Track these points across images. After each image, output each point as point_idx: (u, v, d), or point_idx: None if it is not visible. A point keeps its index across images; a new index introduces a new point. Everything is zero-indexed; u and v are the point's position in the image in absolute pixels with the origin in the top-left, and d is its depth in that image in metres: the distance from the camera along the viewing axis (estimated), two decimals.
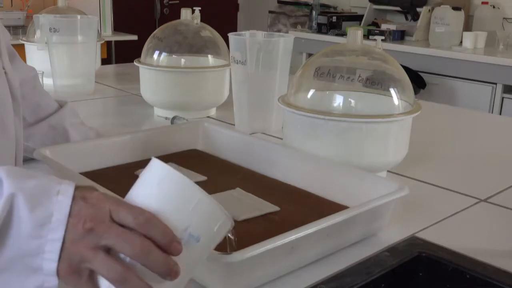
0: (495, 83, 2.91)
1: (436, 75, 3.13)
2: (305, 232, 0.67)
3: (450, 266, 0.74)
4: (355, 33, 1.00)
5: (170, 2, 4.53)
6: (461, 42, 3.25)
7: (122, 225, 0.48)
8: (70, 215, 0.47)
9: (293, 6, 4.29)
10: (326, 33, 3.69)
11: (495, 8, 3.34)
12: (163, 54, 1.44)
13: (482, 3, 3.36)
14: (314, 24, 3.79)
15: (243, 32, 1.25)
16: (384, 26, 3.53)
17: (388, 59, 1.02)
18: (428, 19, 3.41)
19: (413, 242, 0.79)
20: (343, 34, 3.47)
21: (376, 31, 3.41)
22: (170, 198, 0.50)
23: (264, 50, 1.22)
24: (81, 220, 0.47)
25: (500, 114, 2.86)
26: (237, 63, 1.24)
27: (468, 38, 3.16)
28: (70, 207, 0.47)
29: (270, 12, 4.36)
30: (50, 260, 0.47)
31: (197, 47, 1.48)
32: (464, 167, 1.17)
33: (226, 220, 0.51)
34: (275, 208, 0.81)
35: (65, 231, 0.47)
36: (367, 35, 3.25)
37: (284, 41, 1.24)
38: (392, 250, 0.76)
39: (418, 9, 3.52)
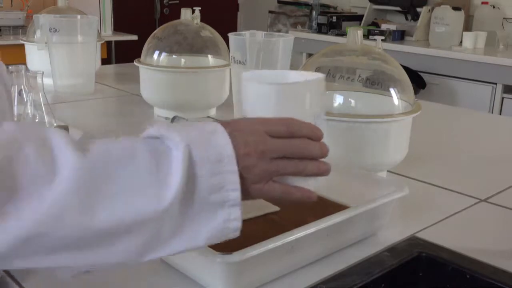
0: (495, 83, 2.91)
1: (436, 75, 3.13)
2: (305, 232, 0.67)
3: (450, 266, 0.74)
4: (355, 33, 1.00)
5: (170, 2, 4.53)
6: (461, 42, 3.25)
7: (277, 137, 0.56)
8: (236, 147, 0.53)
9: (293, 6, 4.29)
10: (326, 33, 3.69)
11: (495, 8, 3.34)
12: (163, 54, 1.44)
13: (482, 3, 3.36)
14: (314, 24, 3.79)
15: (243, 32, 1.24)
16: (384, 26, 3.53)
17: (388, 59, 1.02)
18: (428, 19, 3.41)
19: (413, 242, 0.79)
20: (343, 34, 3.47)
21: (376, 31, 3.41)
22: (294, 104, 0.60)
23: (264, 50, 1.22)
24: (251, 149, 0.54)
25: (500, 114, 2.86)
26: (237, 63, 1.24)
27: (468, 38, 3.16)
28: (231, 142, 0.53)
29: (270, 12, 4.36)
30: (233, 190, 0.52)
31: (197, 47, 1.48)
32: (464, 167, 1.17)
33: (323, 80, 0.62)
34: (275, 208, 0.81)
35: (241, 162, 0.53)
36: (367, 35, 3.25)
37: (284, 41, 1.24)
38: (392, 250, 0.76)
39: (418, 9, 3.52)
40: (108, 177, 0.48)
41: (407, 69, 1.13)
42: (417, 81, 3.09)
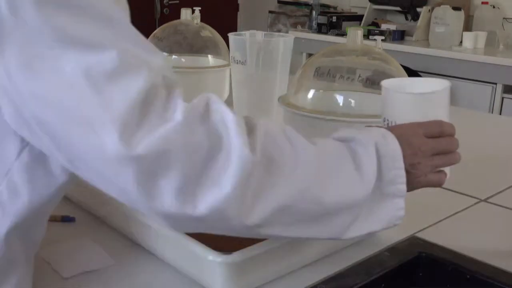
0: (495, 83, 2.91)
1: (436, 75, 3.13)
2: None
3: (450, 266, 0.74)
4: (355, 33, 1.00)
5: (170, 2, 4.53)
6: (461, 42, 3.24)
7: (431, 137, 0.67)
8: (404, 148, 0.63)
9: (293, 6, 4.29)
10: (326, 33, 3.68)
11: (495, 8, 3.34)
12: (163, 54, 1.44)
13: (482, 3, 3.36)
14: (314, 24, 3.79)
15: (243, 32, 1.25)
16: (384, 26, 3.53)
17: (388, 59, 1.02)
18: (428, 19, 3.41)
19: (413, 242, 0.79)
20: (343, 34, 3.47)
21: (376, 31, 3.40)
22: (442, 108, 0.71)
23: (264, 50, 1.22)
24: (416, 149, 0.65)
25: (500, 114, 2.86)
26: (237, 63, 1.24)
27: (468, 38, 3.16)
28: (399, 144, 0.63)
29: (270, 12, 4.36)
30: (401, 183, 0.63)
31: (197, 47, 1.48)
32: (464, 167, 1.16)
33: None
34: None
35: (409, 160, 0.64)
36: (367, 35, 3.25)
37: (284, 41, 1.24)
38: (392, 250, 0.77)
39: (418, 9, 3.52)
40: (331, 164, 0.60)
41: (407, 69, 1.13)
42: None
